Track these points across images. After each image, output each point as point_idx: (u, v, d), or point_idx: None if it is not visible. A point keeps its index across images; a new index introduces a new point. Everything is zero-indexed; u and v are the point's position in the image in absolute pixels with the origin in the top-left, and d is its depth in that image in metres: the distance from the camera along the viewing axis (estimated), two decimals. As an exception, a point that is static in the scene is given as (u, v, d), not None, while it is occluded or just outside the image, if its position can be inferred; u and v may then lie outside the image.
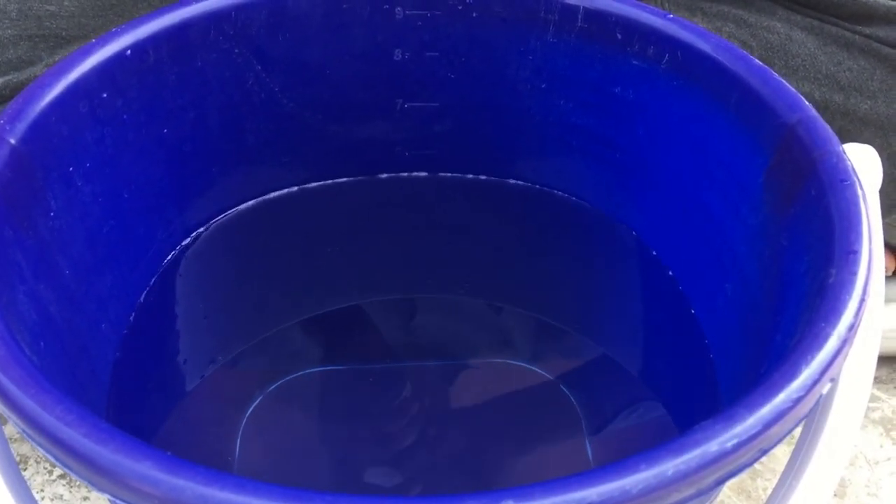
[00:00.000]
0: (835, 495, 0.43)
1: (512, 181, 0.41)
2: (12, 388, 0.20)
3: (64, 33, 0.39)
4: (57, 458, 0.19)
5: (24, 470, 0.41)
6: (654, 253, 0.38)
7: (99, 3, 0.39)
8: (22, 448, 0.42)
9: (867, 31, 0.42)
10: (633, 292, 0.39)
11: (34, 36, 0.38)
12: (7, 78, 0.38)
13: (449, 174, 0.41)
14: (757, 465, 0.44)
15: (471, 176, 0.41)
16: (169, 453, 0.18)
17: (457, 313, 0.40)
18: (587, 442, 0.36)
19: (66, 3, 0.39)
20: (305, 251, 0.40)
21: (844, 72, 0.42)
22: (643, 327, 0.39)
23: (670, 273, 0.37)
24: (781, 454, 0.44)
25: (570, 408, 0.37)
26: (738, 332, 0.32)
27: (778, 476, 0.41)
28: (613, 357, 0.39)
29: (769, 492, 0.41)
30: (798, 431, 0.26)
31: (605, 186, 0.39)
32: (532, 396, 0.38)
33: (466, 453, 0.36)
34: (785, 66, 0.42)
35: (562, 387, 0.38)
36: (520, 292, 0.41)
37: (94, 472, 0.19)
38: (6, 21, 0.38)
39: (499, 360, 0.39)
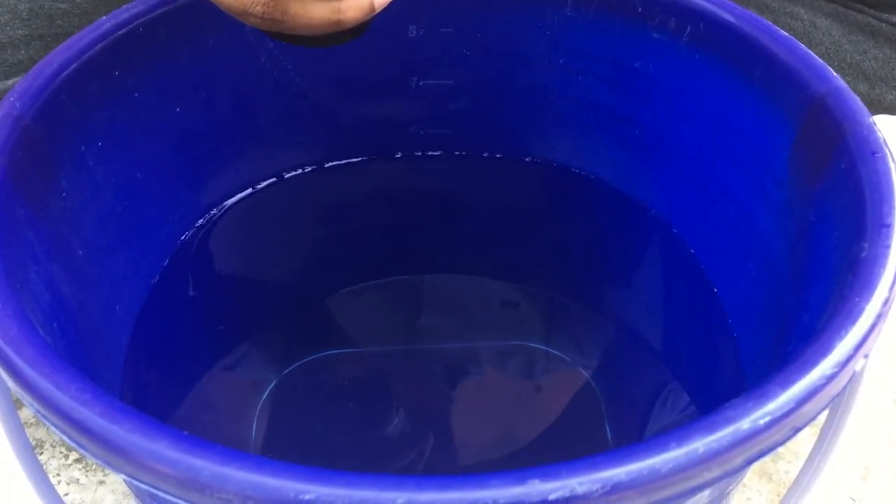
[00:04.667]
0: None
1: (528, 159, 0.40)
2: (27, 369, 0.20)
3: (76, 32, 0.38)
4: (72, 439, 0.19)
5: (40, 454, 0.41)
6: (675, 231, 0.37)
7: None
8: (37, 433, 0.42)
9: (895, 18, 0.40)
10: (654, 271, 0.38)
11: (46, 35, 0.37)
12: (18, 79, 0.38)
13: (464, 153, 0.40)
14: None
15: (486, 154, 0.40)
16: (185, 433, 0.18)
17: (473, 294, 0.40)
18: (607, 424, 0.35)
19: (78, 0, 0.38)
20: (320, 232, 0.40)
21: (870, 61, 0.41)
22: (664, 307, 0.38)
23: (692, 251, 0.36)
24: (804, 436, 0.43)
25: (590, 390, 0.37)
26: (763, 311, 0.31)
27: (800, 458, 0.41)
28: (633, 338, 0.38)
29: (791, 474, 0.41)
30: (823, 413, 0.25)
31: (624, 164, 0.38)
32: (551, 378, 0.38)
33: (484, 435, 0.36)
34: None
35: (580, 369, 0.38)
36: (536, 273, 0.40)
37: (109, 451, 0.18)
38: (17, 21, 0.37)
39: (516, 342, 0.39)
